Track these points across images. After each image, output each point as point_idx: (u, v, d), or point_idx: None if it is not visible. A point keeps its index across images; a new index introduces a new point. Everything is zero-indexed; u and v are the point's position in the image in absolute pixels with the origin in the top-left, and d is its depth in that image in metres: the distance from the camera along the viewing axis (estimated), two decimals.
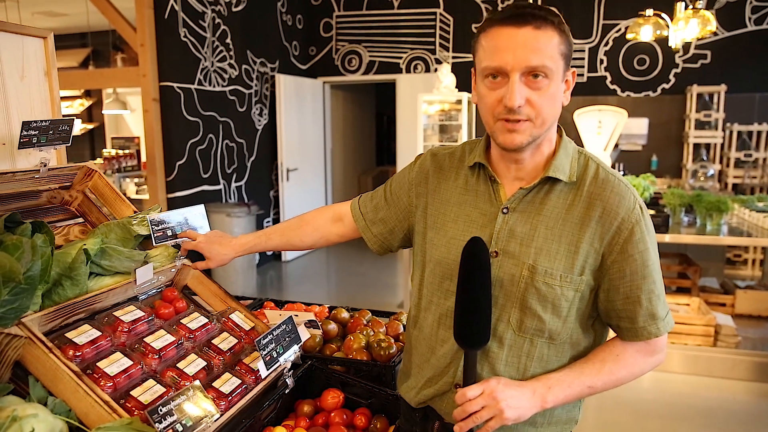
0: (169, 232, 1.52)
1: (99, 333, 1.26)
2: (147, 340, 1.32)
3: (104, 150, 6.78)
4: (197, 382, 1.20)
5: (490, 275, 1.07)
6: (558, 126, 1.16)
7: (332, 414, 1.45)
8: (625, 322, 1.11)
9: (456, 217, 1.17)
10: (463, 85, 6.09)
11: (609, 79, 6.53)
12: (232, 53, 5.75)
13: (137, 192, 6.16)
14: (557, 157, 1.10)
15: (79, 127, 8.03)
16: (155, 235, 1.49)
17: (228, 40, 5.67)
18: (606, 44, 6.48)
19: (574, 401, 1.15)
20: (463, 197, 1.18)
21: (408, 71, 7.09)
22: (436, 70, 6.86)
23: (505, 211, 1.12)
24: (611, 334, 1.19)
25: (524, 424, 1.14)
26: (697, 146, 6.28)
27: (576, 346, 1.14)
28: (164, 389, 1.19)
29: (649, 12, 4.50)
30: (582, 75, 6.58)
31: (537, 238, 1.08)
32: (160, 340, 1.33)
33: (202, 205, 1.64)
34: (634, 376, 1.15)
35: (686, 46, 6.24)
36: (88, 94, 8.41)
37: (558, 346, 1.12)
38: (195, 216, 1.61)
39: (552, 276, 1.07)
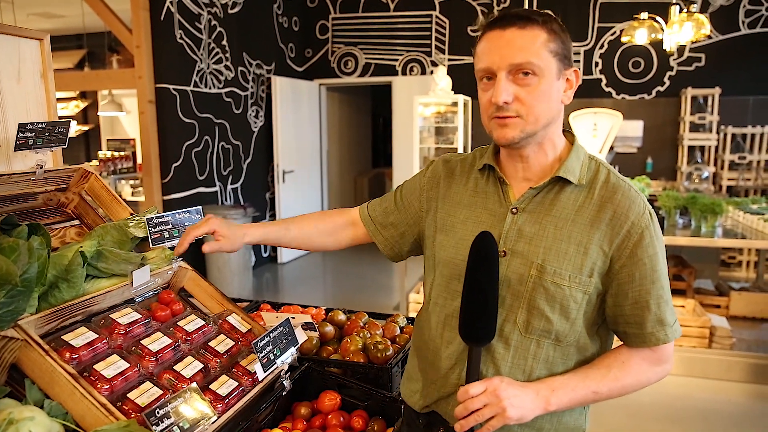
0: (167, 234, 1.52)
1: (96, 335, 1.26)
2: (144, 342, 1.32)
3: (99, 152, 6.76)
4: (194, 385, 1.20)
5: (497, 270, 1.07)
6: (570, 132, 1.18)
7: (329, 416, 1.45)
8: (633, 328, 1.10)
9: (465, 219, 1.19)
10: (459, 87, 6.10)
11: (604, 81, 6.56)
12: (228, 55, 5.75)
13: (133, 194, 6.15)
14: (569, 159, 1.11)
15: (74, 129, 8.01)
16: (152, 237, 1.49)
17: (224, 42, 5.67)
18: (601, 47, 6.51)
19: (578, 406, 1.14)
20: (473, 199, 1.20)
21: (404, 73, 7.10)
22: (431, 72, 6.87)
23: (514, 211, 1.13)
24: (617, 342, 1.19)
25: (531, 430, 1.14)
26: (691, 149, 6.31)
27: (582, 351, 1.14)
28: (161, 392, 1.19)
29: (644, 15, 4.52)
30: None
31: (546, 237, 1.09)
32: (156, 342, 1.33)
33: (200, 207, 1.64)
34: (640, 385, 1.14)
35: (681, 49, 6.27)
36: (83, 95, 8.39)
37: (564, 349, 1.12)
38: (192, 217, 1.61)
39: (560, 276, 1.07)
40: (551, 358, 1.12)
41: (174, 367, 1.29)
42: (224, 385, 1.29)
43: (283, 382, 1.41)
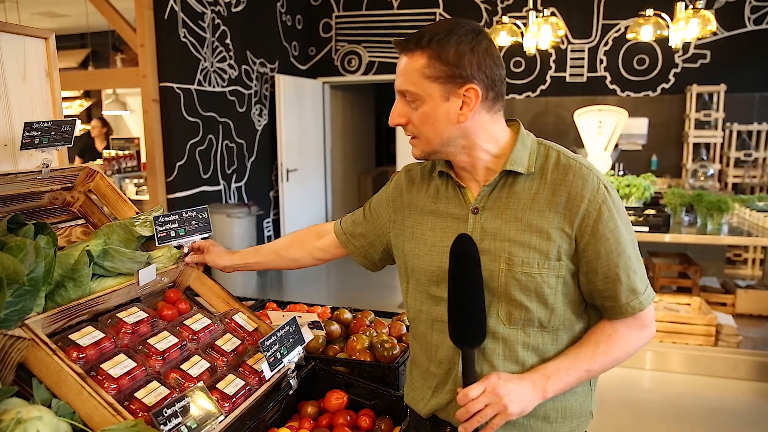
0: (173, 233, 1.51)
1: (102, 335, 1.26)
2: (150, 341, 1.31)
3: (104, 151, 6.76)
4: (201, 384, 1.19)
5: (480, 271, 1.08)
6: (516, 120, 1.19)
7: (336, 415, 1.45)
8: (609, 301, 1.12)
9: (433, 226, 1.21)
10: None
11: (609, 78, 6.53)
12: (231, 54, 5.74)
13: (137, 193, 6.15)
14: (514, 151, 1.12)
15: (78, 128, 8.02)
16: (159, 235, 1.48)
17: (228, 41, 5.66)
18: (606, 44, 6.48)
19: (575, 386, 1.15)
20: (436, 205, 1.22)
21: None
22: None
23: (475, 211, 1.14)
24: None
25: (537, 419, 1.15)
26: (696, 146, 6.28)
27: (570, 331, 1.15)
28: (168, 391, 1.19)
29: (649, 12, 4.49)
30: (582, 75, 6.59)
31: (508, 231, 1.11)
32: (163, 341, 1.33)
33: (206, 206, 1.64)
34: (629, 354, 1.16)
35: (686, 46, 6.24)
36: (87, 94, 8.40)
37: (551, 333, 1.13)
38: (199, 216, 1.60)
39: (529, 265, 1.08)
40: (541, 345, 1.13)
41: (181, 367, 1.29)
42: (231, 384, 1.29)
43: (290, 381, 1.40)
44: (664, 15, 4.49)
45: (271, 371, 1.31)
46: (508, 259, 1.09)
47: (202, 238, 1.63)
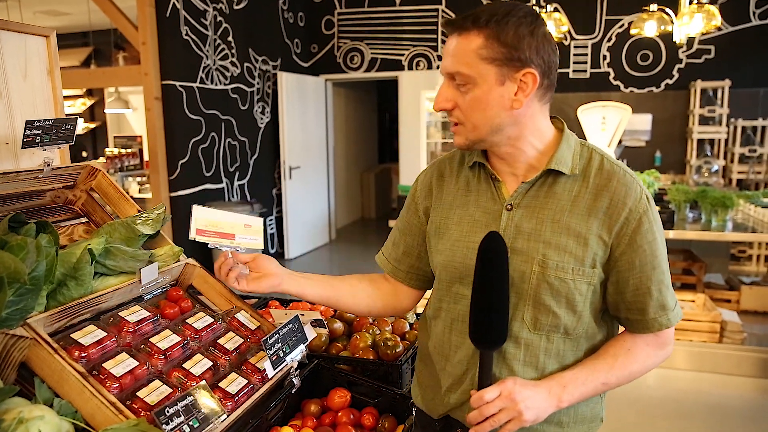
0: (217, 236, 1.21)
1: (104, 333, 1.25)
2: (152, 340, 1.31)
3: (106, 149, 6.77)
4: (203, 383, 1.19)
5: (507, 271, 1.04)
6: (559, 119, 1.15)
7: (339, 413, 1.45)
8: (636, 314, 1.09)
9: (459, 220, 1.16)
10: None
11: (612, 74, 6.50)
12: (233, 51, 5.74)
13: (140, 191, 6.16)
14: (559, 150, 1.08)
15: (81, 127, 8.03)
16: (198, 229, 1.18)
17: (230, 38, 5.66)
18: (609, 40, 6.45)
19: (589, 398, 1.13)
20: (466, 198, 1.17)
21: (410, 68, 7.07)
22: (438, 66, 6.83)
23: (509, 207, 1.10)
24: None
25: (550, 425, 1.12)
26: (701, 142, 6.25)
27: (591, 339, 1.13)
28: (170, 390, 1.19)
29: (653, 7, 4.47)
30: (585, 71, 6.56)
31: (544, 232, 1.07)
32: (165, 340, 1.32)
33: (262, 219, 1.30)
34: (646, 370, 1.14)
35: (690, 41, 6.20)
36: (89, 93, 8.41)
37: (574, 341, 1.10)
38: (252, 226, 1.27)
39: (563, 270, 1.05)
40: (562, 352, 1.10)
41: (183, 365, 1.28)
42: (234, 383, 1.28)
43: (293, 379, 1.40)
44: (668, 10, 4.46)
45: (274, 370, 1.31)
46: (542, 262, 1.05)
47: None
